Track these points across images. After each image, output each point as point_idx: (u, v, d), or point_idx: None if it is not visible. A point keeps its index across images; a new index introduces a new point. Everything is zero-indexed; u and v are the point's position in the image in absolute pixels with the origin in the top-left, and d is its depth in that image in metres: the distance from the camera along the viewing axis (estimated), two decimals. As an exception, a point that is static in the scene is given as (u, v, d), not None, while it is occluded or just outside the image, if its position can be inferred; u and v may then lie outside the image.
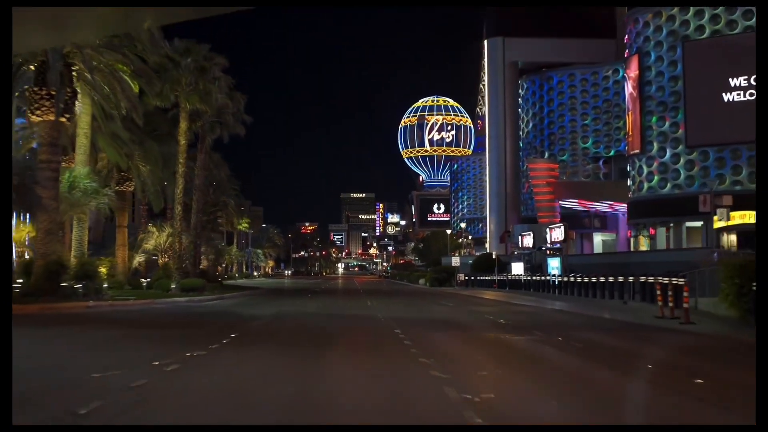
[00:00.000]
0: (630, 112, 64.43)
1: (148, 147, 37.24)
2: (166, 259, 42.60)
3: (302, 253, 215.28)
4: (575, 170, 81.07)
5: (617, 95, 79.99)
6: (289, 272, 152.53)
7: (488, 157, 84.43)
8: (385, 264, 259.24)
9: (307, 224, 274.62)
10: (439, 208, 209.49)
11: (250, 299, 35.82)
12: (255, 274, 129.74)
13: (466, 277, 69.46)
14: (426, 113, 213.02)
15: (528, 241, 63.11)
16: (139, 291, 34.46)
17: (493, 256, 70.32)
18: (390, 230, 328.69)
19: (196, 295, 32.94)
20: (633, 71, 63.81)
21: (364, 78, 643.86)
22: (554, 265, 52.42)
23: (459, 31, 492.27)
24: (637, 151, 62.62)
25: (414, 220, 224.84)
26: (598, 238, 77.60)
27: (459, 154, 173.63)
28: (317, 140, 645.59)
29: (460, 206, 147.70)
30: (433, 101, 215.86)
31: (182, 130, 34.75)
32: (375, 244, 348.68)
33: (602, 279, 36.65)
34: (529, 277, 53.44)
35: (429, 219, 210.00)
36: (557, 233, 54.19)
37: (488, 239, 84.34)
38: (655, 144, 60.99)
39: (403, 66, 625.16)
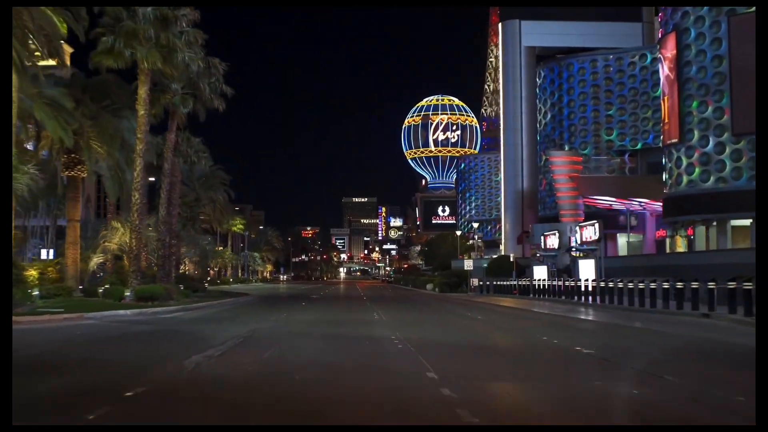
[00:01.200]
0: (666, 97, 57.40)
1: (104, 123, 30.34)
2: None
3: (303, 257, 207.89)
4: (598, 165, 73.92)
5: (644, 83, 72.98)
6: (285, 277, 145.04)
7: (503, 152, 77.13)
8: (387, 268, 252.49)
9: (308, 228, 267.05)
10: (444, 211, 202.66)
11: (227, 310, 28.80)
12: (252, 278, 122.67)
13: (481, 282, 62.41)
14: (430, 113, 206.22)
15: (553, 241, 55.93)
16: (89, 300, 27.54)
17: (511, 259, 63.34)
18: (392, 234, 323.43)
19: (157, 305, 25.92)
20: (669, 51, 56.80)
21: (365, 80, 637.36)
22: (587, 268, 45.30)
23: (463, 30, 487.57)
24: (674, 140, 55.59)
25: (418, 223, 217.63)
26: (622, 240, 70.63)
27: (465, 155, 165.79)
28: (319, 144, 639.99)
29: (468, 207, 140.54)
30: (437, 100, 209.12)
31: (141, 98, 27.71)
32: (377, 249, 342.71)
33: (665, 285, 29.59)
34: (557, 282, 46.37)
35: (433, 222, 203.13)
36: (589, 232, 47.09)
37: (503, 241, 77.10)
38: (695, 132, 54.01)
39: (405, 67, 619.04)
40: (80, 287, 33.40)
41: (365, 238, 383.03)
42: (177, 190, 41.43)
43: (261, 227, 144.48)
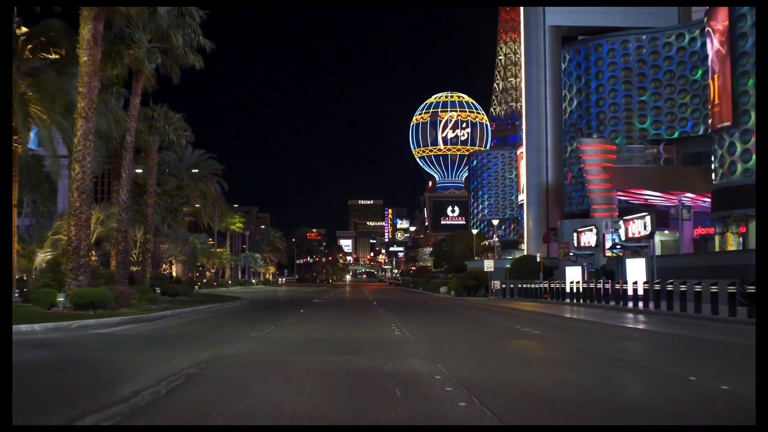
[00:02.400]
0: (717, 75, 50.59)
1: (45, 81, 23.65)
2: (93, 258, 29.18)
3: (308, 258, 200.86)
4: (631, 156, 67.08)
5: (682, 65, 66.14)
6: (283, 279, 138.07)
7: (525, 141, 70.07)
8: (395, 271, 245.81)
9: (313, 230, 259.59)
10: (453, 211, 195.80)
11: (198, 321, 22.05)
12: (253, 281, 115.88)
13: (504, 285, 55.50)
14: (439, 110, 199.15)
15: (588, 239, 49.13)
16: (17, 307, 20.85)
17: (538, 259, 56.50)
18: (399, 236, 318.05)
19: (101, 314, 19.22)
20: (720, 22, 50.02)
21: (372, 83, 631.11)
22: (635, 268, 38.54)
23: (471, 29, 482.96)
24: (727, 123, 48.85)
25: (426, 223, 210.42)
26: (656, 238, 63.67)
27: (477, 152, 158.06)
28: (325, 147, 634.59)
29: (480, 207, 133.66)
30: (446, 97, 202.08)
31: (84, 39, 20.94)
32: (383, 251, 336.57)
33: (750, 288, 22.84)
34: (600, 285, 39.40)
35: (442, 223, 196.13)
36: (638, 226, 40.40)
37: (525, 239, 70.08)
38: (752, 114, 47.31)
39: (413, 68, 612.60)
40: (25, 290, 26.79)
41: (371, 241, 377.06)
42: (153, 175, 34.82)
43: (263, 227, 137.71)
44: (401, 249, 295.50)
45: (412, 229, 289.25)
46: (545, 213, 67.25)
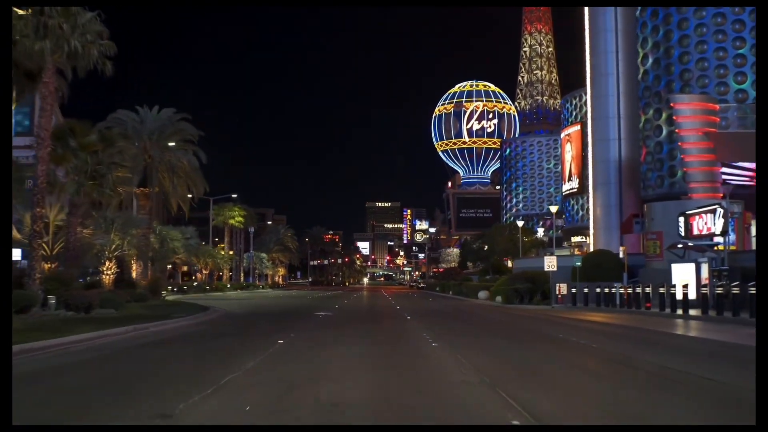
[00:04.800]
0: None
1: None
2: None
3: (322, 260, 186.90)
4: (726, 123, 52.64)
5: (791, 8, 51.40)
6: (284, 282, 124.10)
7: (591, 108, 55.45)
8: (415, 273, 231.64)
9: (330, 233, 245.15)
10: (480, 208, 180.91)
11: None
12: (259, 284, 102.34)
13: (574, 290, 41.29)
14: (464, 99, 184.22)
15: (707, 223, 34.66)
16: None
17: (621, 255, 42.39)
18: (418, 237, 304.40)
19: None
20: None
21: (387, 84, 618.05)
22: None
23: (494, 23, 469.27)
24: None
25: (450, 221, 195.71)
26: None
27: (509, 139, 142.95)
28: (341, 150, 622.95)
29: (514, 200, 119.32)
30: (471, 86, 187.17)
31: None
32: (402, 253, 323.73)
33: None
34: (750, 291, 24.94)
35: (468, 220, 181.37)
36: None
37: (591, 230, 55.53)
38: None
39: (431, 68, 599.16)
40: None
41: (389, 243, 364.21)
42: (48, 112, 21.08)
43: (269, 222, 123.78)
44: (422, 251, 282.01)
45: (432, 230, 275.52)
46: (617, 197, 52.78)
